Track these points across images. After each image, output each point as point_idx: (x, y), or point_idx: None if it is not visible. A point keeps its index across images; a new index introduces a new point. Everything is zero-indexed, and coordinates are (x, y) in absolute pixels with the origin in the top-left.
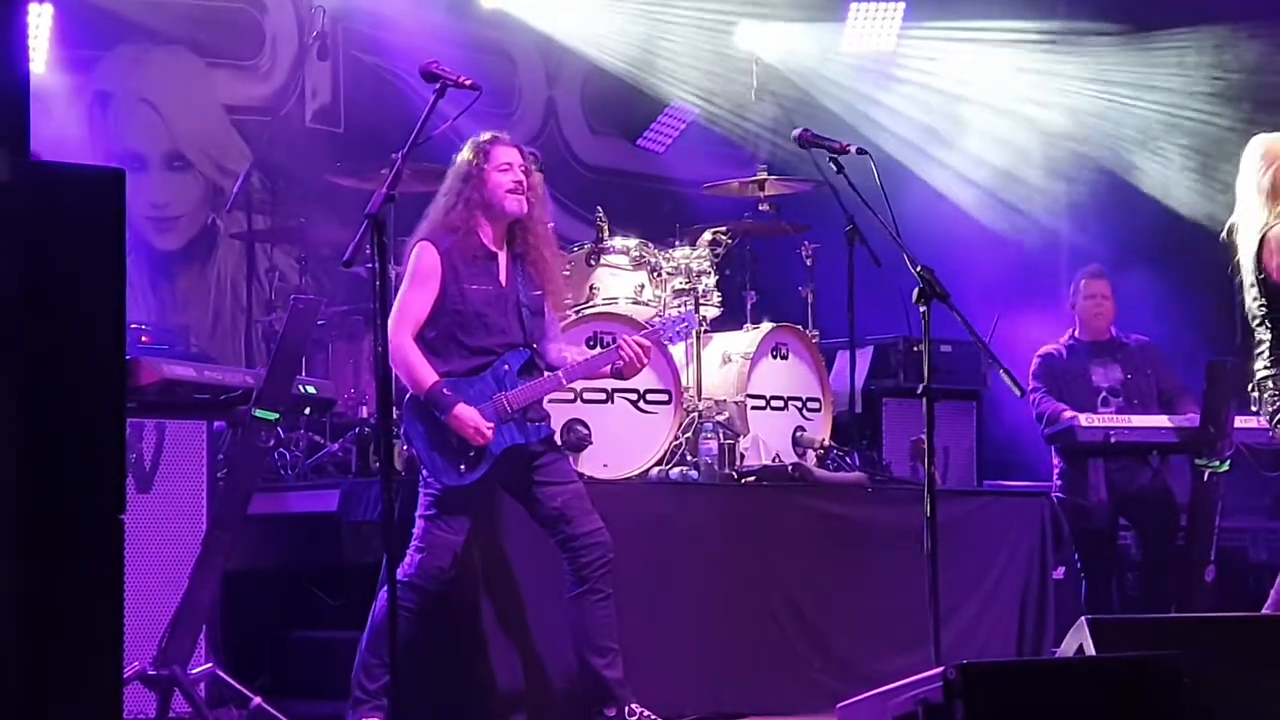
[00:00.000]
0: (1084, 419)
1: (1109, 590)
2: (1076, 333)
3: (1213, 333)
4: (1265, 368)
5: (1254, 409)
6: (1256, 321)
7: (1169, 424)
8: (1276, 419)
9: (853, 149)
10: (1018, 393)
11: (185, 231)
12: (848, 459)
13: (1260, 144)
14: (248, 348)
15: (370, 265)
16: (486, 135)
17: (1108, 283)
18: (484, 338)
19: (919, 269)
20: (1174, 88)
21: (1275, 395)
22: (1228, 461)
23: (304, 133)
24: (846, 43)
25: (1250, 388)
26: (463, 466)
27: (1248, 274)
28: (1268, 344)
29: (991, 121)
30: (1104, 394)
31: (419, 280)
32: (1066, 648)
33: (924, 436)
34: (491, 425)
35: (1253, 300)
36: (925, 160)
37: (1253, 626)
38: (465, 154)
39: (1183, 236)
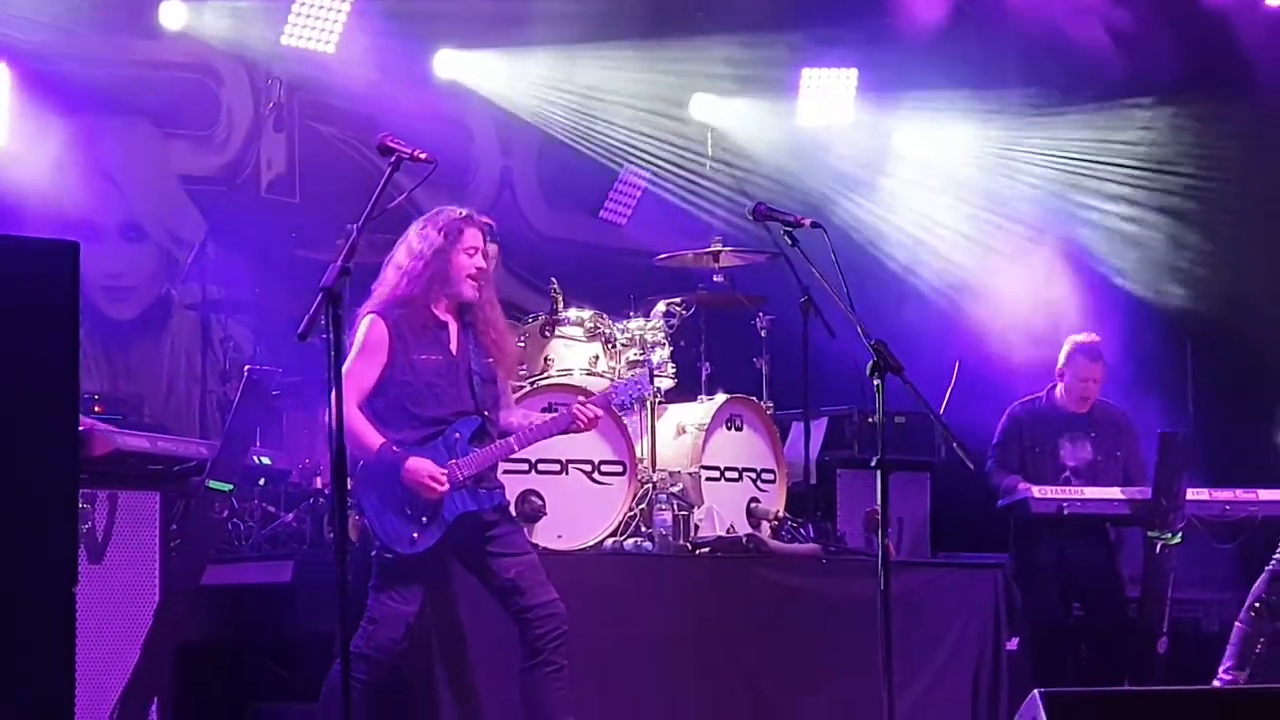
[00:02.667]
0: (1037, 491)
1: (1063, 662)
2: (1058, 395)
3: (1165, 405)
4: None
5: None
6: None
7: (1121, 496)
8: None
9: (807, 222)
10: (970, 466)
11: (140, 301)
12: (802, 530)
13: None
14: (202, 418)
15: (325, 336)
16: (460, 212)
17: (1103, 366)
18: (435, 408)
19: (873, 342)
20: (1132, 161)
21: None
22: (1180, 533)
23: (259, 203)
24: (802, 115)
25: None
26: (415, 534)
27: None
28: None
29: (948, 193)
30: (1067, 474)
31: (366, 351)
32: None
33: (878, 508)
34: (445, 471)
35: None
36: (880, 232)
37: (1208, 700)
38: (434, 225)
39: (1136, 309)
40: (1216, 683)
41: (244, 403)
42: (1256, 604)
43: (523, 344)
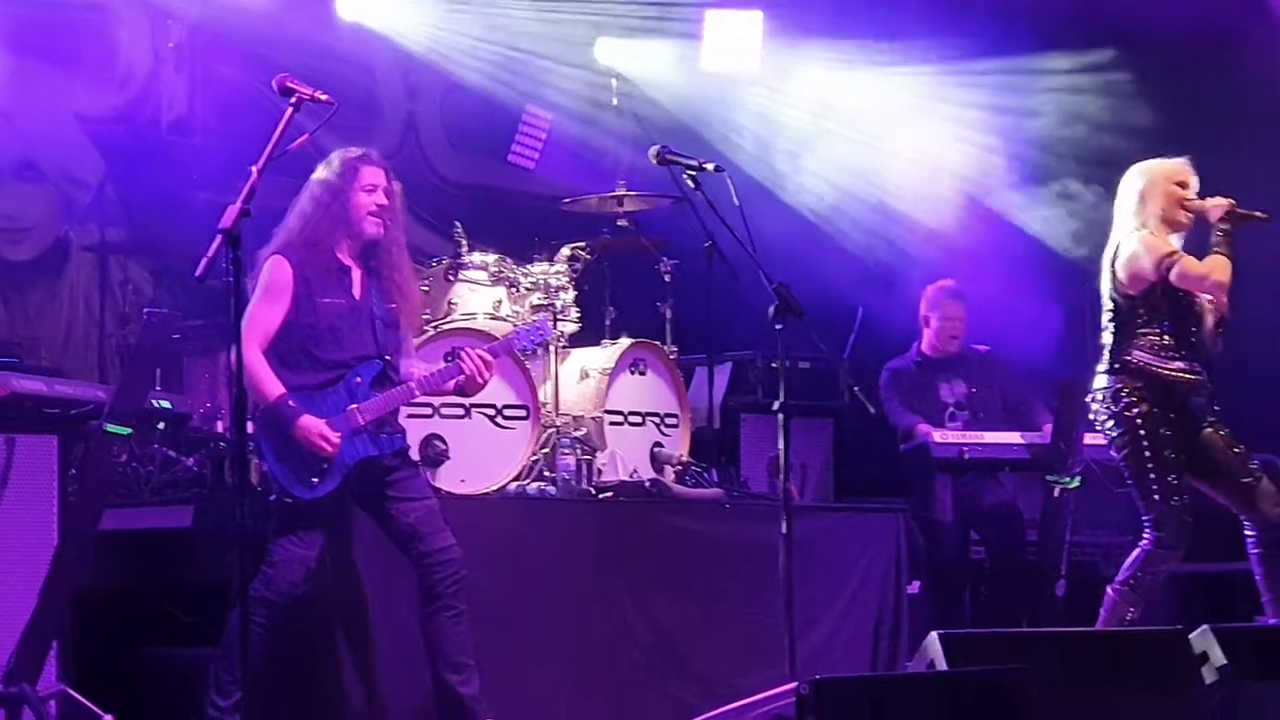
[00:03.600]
0: (938, 435)
1: (961, 604)
2: (924, 347)
3: (1065, 351)
4: (1102, 372)
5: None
6: (1103, 330)
7: (1020, 440)
8: (1107, 425)
9: (710, 166)
10: (870, 410)
11: (37, 243)
12: (706, 475)
13: (1136, 170)
14: (101, 362)
15: (226, 279)
16: (355, 152)
17: (965, 305)
18: (336, 351)
19: (775, 286)
20: (1043, 113)
21: (1104, 405)
22: (1078, 478)
23: (159, 144)
24: (707, 60)
25: (1088, 397)
26: (314, 479)
27: (1105, 284)
28: (1106, 351)
29: (850, 140)
30: (950, 409)
31: (270, 294)
32: (918, 662)
33: (781, 453)
34: (340, 435)
35: (1105, 310)
36: (783, 178)
37: (1099, 641)
38: (331, 168)
39: (1038, 256)
40: None
41: (143, 346)
42: (1131, 580)
43: (426, 288)
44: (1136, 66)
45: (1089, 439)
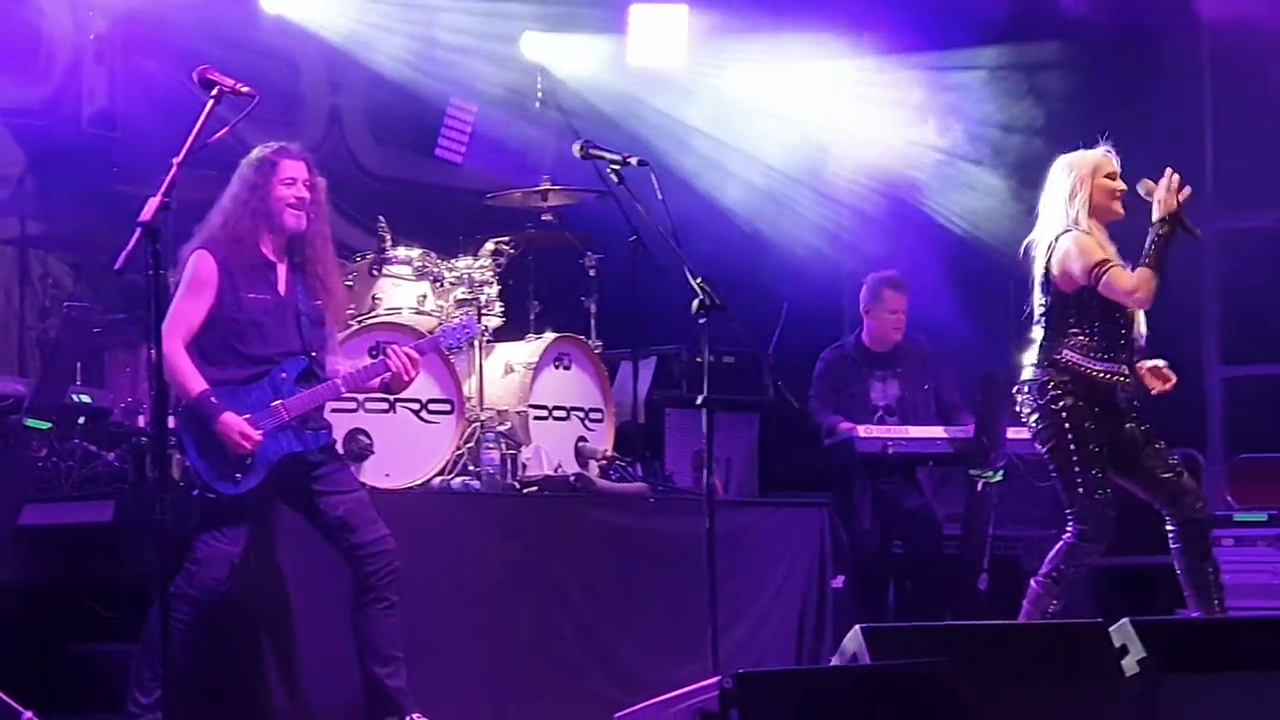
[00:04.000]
0: (862, 430)
1: (885, 599)
2: (864, 337)
3: (989, 345)
4: (1030, 365)
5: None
6: (1035, 323)
7: (944, 435)
8: (1032, 417)
9: (634, 160)
10: (795, 405)
11: None
12: (630, 469)
13: (1064, 161)
14: (20, 356)
15: (146, 273)
16: (274, 146)
17: (907, 296)
18: (261, 346)
19: (698, 280)
20: (962, 105)
21: (1030, 398)
22: (1001, 472)
23: (80, 137)
24: (632, 54)
25: (1015, 389)
26: (238, 475)
27: (1037, 278)
28: (1036, 345)
29: (777, 134)
30: (880, 413)
31: (194, 288)
32: (841, 656)
33: (705, 447)
34: (261, 431)
35: (1037, 304)
36: (709, 172)
37: (1021, 634)
38: (251, 162)
39: (966, 249)
40: None
41: (63, 340)
42: (1054, 573)
43: (351, 283)
44: (1063, 61)
45: (1011, 433)
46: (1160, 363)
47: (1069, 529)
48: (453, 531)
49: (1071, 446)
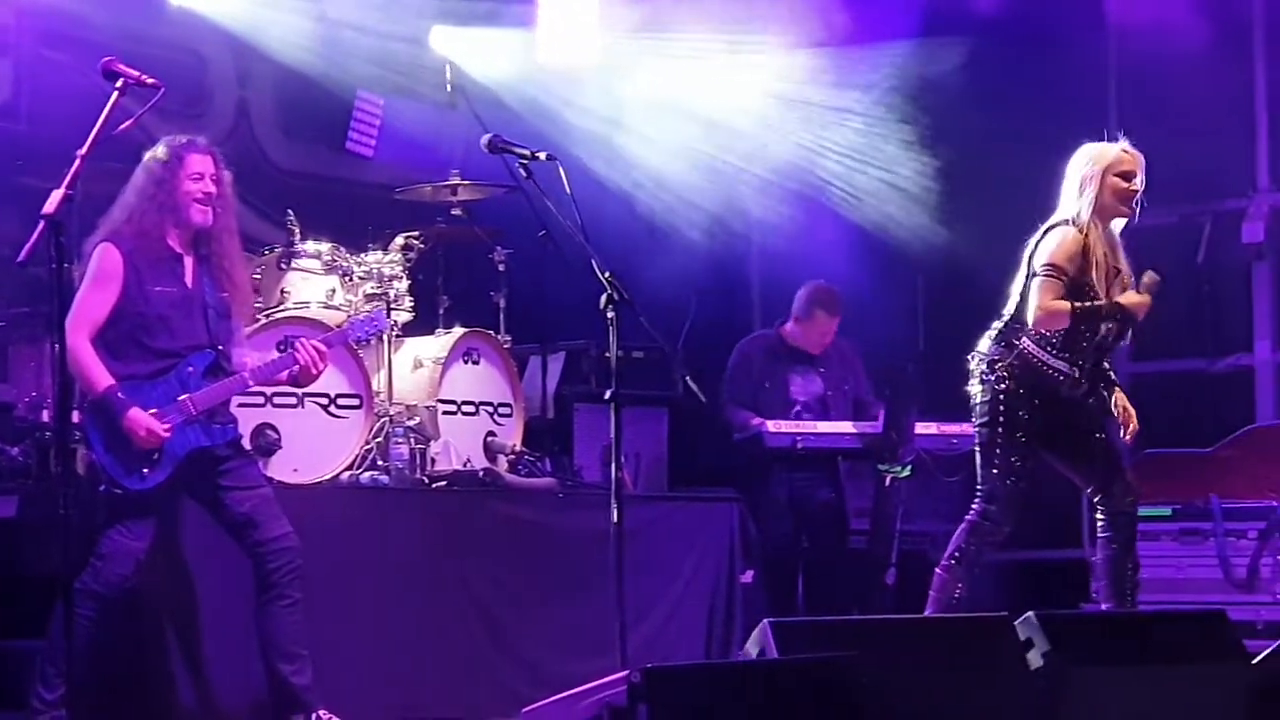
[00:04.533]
0: (771, 425)
1: (794, 593)
2: (787, 334)
3: (897, 341)
4: (988, 338)
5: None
6: (1010, 300)
7: (852, 430)
8: (974, 388)
9: (542, 155)
10: (703, 400)
11: None
12: (539, 464)
13: (1083, 151)
14: None
15: (51, 266)
16: (181, 139)
17: (838, 318)
18: (167, 340)
19: (607, 275)
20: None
21: (976, 367)
22: (909, 466)
23: None
24: (542, 49)
25: (968, 355)
26: (144, 470)
27: (1024, 259)
28: (1002, 323)
29: (689, 130)
30: (798, 408)
31: (99, 282)
32: (750, 650)
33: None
34: (168, 426)
35: (1017, 284)
36: (619, 167)
37: (928, 627)
38: (158, 156)
39: (876, 244)
40: None
41: None
42: (957, 554)
43: (258, 276)
44: (970, 59)
45: (919, 428)
46: (1131, 412)
47: (975, 506)
48: (361, 526)
49: (1000, 429)
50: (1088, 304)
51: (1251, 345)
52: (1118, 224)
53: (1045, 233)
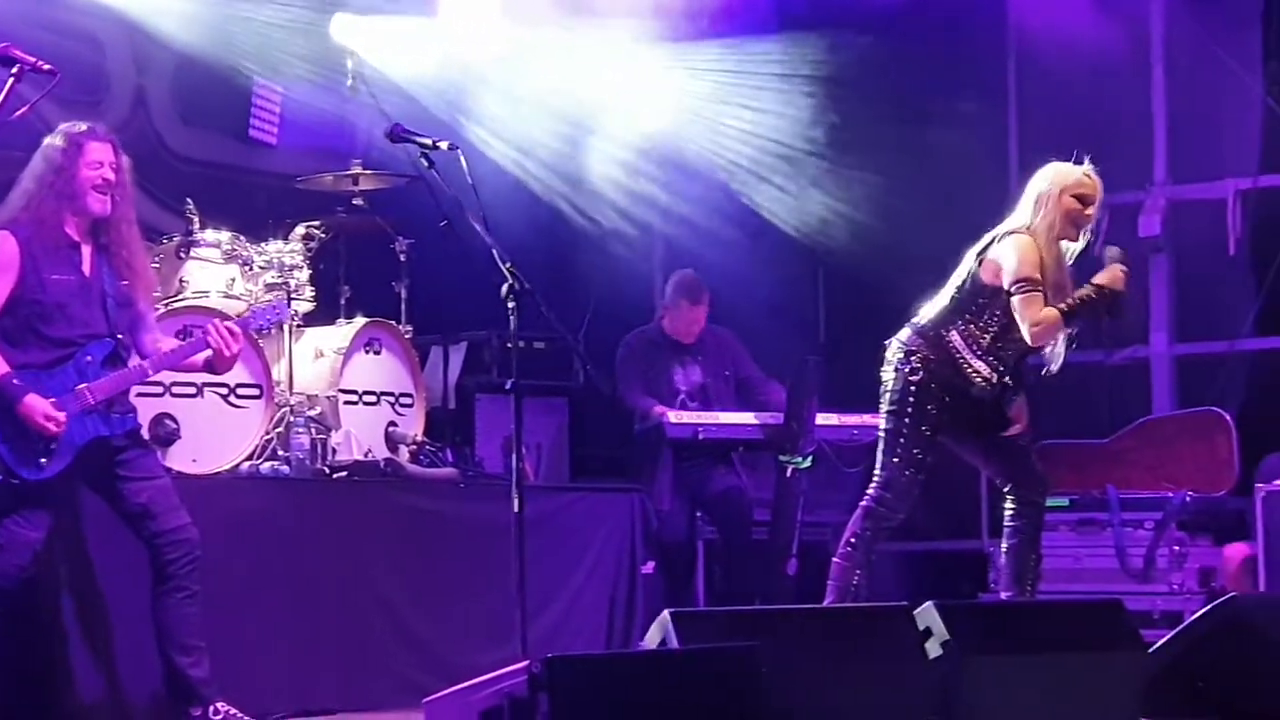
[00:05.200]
0: (673, 415)
1: (694, 584)
2: (665, 326)
3: (797, 333)
4: (911, 325)
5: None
6: (942, 292)
7: (754, 421)
8: (887, 373)
9: (444, 144)
10: (604, 390)
11: None
12: (441, 455)
13: (1046, 169)
14: None
15: None
16: (82, 127)
17: (703, 306)
18: (65, 329)
19: (508, 265)
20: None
21: (893, 354)
22: (810, 458)
23: None
24: (444, 38)
25: (887, 343)
26: (42, 460)
27: (969, 257)
28: (930, 313)
29: (590, 121)
30: (682, 397)
31: None
32: (650, 640)
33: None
34: (66, 414)
35: (954, 279)
36: (521, 158)
37: (828, 617)
38: (56, 143)
39: (773, 238)
40: None
41: None
42: (853, 539)
43: (157, 265)
44: (867, 53)
45: (821, 419)
46: (1024, 412)
47: (871, 492)
48: (261, 517)
49: (906, 418)
50: (1072, 301)
51: (1148, 338)
52: (1066, 247)
53: (997, 240)
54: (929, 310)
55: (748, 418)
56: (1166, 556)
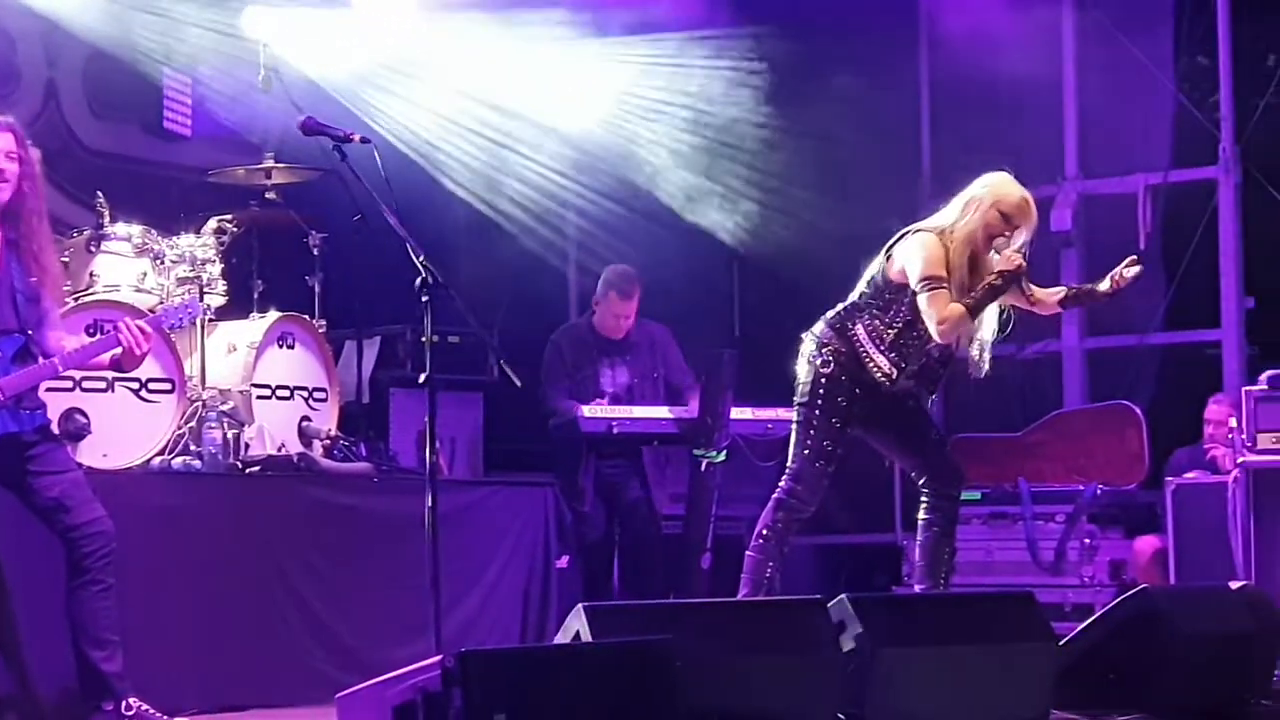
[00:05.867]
0: (587, 410)
1: (609, 578)
2: (596, 321)
3: (712, 330)
4: (823, 321)
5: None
6: (856, 287)
7: (669, 415)
8: (800, 367)
9: (357, 137)
10: (518, 384)
11: None
12: (354, 449)
13: (986, 178)
14: None
15: None
16: None
17: (636, 302)
18: None
19: (421, 259)
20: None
21: (805, 347)
22: (724, 451)
23: None
24: (358, 30)
25: (802, 335)
26: None
27: (881, 252)
28: (842, 306)
29: (508, 116)
30: (606, 399)
31: None
32: (565, 634)
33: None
34: None
35: (866, 275)
36: (435, 152)
37: (742, 610)
38: None
39: (686, 236)
40: None
41: None
42: (765, 531)
43: (67, 259)
44: (783, 45)
45: (735, 414)
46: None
47: (782, 484)
48: (173, 512)
49: (816, 411)
50: (975, 294)
51: (1059, 332)
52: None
53: (904, 238)
54: (835, 310)
55: (662, 412)
56: (1077, 549)
